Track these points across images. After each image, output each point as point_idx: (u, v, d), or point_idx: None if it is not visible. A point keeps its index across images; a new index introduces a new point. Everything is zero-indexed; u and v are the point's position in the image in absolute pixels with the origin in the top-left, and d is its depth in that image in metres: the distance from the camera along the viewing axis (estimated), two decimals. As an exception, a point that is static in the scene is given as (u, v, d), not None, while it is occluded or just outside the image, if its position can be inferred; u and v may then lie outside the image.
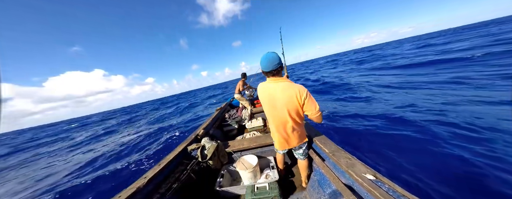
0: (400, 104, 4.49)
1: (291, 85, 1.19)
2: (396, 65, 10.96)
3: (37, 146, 13.52)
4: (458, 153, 2.39)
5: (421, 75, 7.23)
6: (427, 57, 10.90)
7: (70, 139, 13.42)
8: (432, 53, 12.99)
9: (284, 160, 1.84)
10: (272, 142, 2.00)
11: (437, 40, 26.45)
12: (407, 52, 18.08)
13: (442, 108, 3.73)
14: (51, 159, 7.84)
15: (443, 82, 5.69)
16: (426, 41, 28.04)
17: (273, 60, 1.17)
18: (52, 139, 16.54)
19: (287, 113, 1.22)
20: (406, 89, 5.78)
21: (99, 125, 21.01)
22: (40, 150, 11.14)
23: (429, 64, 9.10)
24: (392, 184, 0.99)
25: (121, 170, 4.31)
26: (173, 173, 1.75)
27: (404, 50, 21.49)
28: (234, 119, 3.67)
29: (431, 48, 16.53)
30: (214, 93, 28.38)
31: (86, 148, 8.67)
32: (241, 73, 4.53)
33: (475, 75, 5.63)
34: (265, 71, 1.22)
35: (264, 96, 1.31)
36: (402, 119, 3.63)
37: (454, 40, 20.44)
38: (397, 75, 8.42)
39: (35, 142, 16.83)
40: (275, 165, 1.85)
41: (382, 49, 37.16)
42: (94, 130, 15.69)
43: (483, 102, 3.71)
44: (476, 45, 12.13)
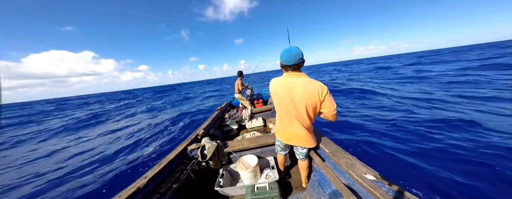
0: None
1: (312, 81, 1.18)
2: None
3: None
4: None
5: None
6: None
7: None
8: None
9: (285, 161, 1.83)
10: (273, 142, 2.00)
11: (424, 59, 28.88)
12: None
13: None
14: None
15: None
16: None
17: (296, 54, 1.16)
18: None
19: (304, 108, 1.20)
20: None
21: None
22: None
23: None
24: (392, 184, 0.99)
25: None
26: (173, 173, 1.75)
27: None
28: (234, 119, 3.67)
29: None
30: (211, 90, 25.15)
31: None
32: (238, 72, 4.41)
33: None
34: (286, 65, 1.20)
35: (280, 91, 1.26)
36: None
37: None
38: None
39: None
40: (275, 165, 1.85)
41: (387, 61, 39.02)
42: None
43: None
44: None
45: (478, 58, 18.19)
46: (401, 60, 34.22)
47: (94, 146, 5.64)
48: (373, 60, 59.40)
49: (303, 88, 1.17)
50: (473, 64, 13.35)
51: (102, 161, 4.32)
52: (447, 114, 4.25)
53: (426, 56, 35.07)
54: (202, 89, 28.63)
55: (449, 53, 35.45)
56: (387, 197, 0.92)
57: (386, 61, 36.63)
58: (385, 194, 0.94)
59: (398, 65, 22.74)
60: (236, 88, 4.40)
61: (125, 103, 21.01)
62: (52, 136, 8.10)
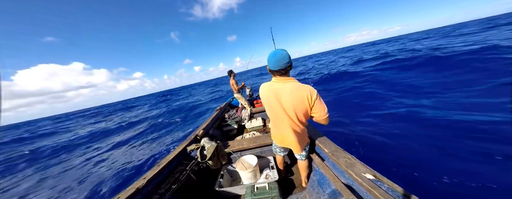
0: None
1: (300, 86, 1.14)
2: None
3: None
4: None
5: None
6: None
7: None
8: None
9: (284, 162, 1.83)
10: (272, 142, 2.00)
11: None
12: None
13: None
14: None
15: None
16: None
17: (282, 59, 1.11)
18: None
19: (294, 114, 1.18)
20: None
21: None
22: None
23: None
24: (391, 184, 0.99)
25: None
26: (172, 173, 1.75)
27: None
28: (233, 119, 3.67)
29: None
30: (214, 91, 23.54)
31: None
32: (228, 71, 4.26)
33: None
34: (273, 70, 1.16)
35: (269, 96, 1.24)
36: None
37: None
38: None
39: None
40: (275, 165, 1.85)
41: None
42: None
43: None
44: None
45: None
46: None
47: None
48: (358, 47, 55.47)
49: (291, 94, 1.14)
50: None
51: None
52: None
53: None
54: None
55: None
56: (387, 196, 0.92)
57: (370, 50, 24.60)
58: (384, 193, 0.94)
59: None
60: (234, 88, 4.33)
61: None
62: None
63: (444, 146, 2.73)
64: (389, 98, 5.24)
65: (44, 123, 36.55)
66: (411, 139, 3.08)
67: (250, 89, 5.75)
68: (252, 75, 38.31)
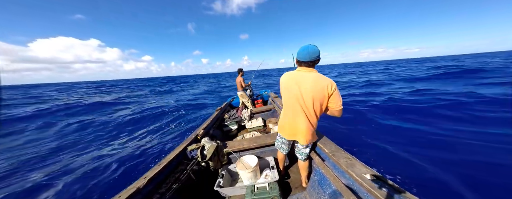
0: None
1: (322, 77, 1.24)
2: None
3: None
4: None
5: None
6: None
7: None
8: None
9: (285, 160, 1.84)
10: (272, 142, 2.00)
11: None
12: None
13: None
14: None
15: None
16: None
17: (314, 52, 1.21)
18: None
19: (311, 101, 1.24)
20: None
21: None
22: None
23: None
24: (392, 184, 0.99)
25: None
26: (173, 173, 1.75)
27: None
28: (234, 119, 3.67)
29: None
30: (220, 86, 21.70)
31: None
32: (238, 69, 4.31)
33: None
34: (301, 61, 1.26)
35: (290, 83, 1.32)
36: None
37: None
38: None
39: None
40: (275, 165, 1.85)
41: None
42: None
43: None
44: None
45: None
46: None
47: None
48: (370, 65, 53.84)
49: (313, 82, 1.22)
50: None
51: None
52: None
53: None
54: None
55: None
56: (387, 197, 0.92)
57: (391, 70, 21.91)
58: (385, 194, 0.94)
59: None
60: (239, 86, 4.30)
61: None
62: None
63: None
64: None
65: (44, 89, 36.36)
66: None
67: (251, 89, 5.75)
68: (258, 75, 39.91)
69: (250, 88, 5.71)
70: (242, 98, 4.48)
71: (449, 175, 2.30)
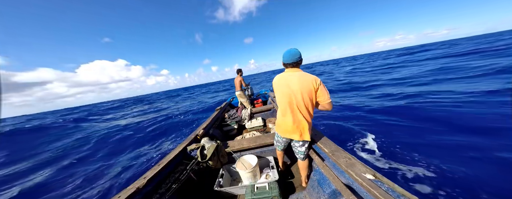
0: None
1: (306, 74, 1.38)
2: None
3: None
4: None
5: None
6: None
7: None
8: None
9: (283, 157, 1.86)
10: (272, 141, 2.00)
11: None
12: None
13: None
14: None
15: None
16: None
17: (295, 54, 1.37)
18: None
19: (301, 96, 1.35)
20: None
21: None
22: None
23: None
24: (391, 184, 0.99)
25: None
26: (172, 173, 1.75)
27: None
28: (233, 119, 3.67)
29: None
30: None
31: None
32: (237, 69, 4.29)
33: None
34: (286, 63, 1.42)
35: (281, 83, 1.45)
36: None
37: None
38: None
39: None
40: (275, 165, 1.85)
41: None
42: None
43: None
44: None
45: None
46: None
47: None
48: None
49: (299, 79, 1.36)
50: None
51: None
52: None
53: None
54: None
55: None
56: (387, 196, 0.92)
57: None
58: (384, 193, 0.94)
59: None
60: (238, 86, 4.28)
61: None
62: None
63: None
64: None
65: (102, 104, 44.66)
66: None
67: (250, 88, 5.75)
68: (265, 76, 42.10)
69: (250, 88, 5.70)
70: (240, 98, 4.48)
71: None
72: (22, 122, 18.93)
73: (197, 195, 1.81)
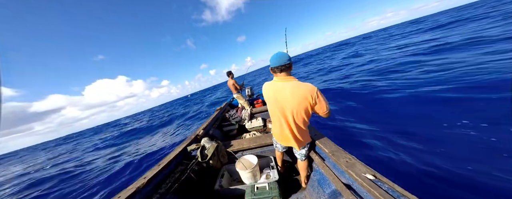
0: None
1: (300, 85, 1.16)
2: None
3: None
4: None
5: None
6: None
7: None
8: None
9: (283, 158, 1.84)
10: (272, 142, 2.00)
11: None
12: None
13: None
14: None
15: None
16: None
17: (282, 57, 1.18)
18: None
19: (295, 113, 1.21)
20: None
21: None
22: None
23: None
24: (391, 184, 0.99)
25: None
26: (173, 173, 1.75)
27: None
28: (234, 119, 3.67)
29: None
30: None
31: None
32: (227, 72, 4.23)
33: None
34: (273, 67, 1.21)
35: (271, 95, 1.29)
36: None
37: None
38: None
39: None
40: (275, 165, 1.85)
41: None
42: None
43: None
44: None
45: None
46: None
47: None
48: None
49: (291, 93, 1.17)
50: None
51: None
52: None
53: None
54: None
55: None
56: (387, 196, 0.92)
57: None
58: (385, 193, 0.94)
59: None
60: (233, 89, 4.25)
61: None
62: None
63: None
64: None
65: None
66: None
67: (250, 88, 5.72)
68: (264, 70, 39.96)
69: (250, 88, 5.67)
70: (239, 101, 4.48)
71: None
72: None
73: (197, 195, 1.81)
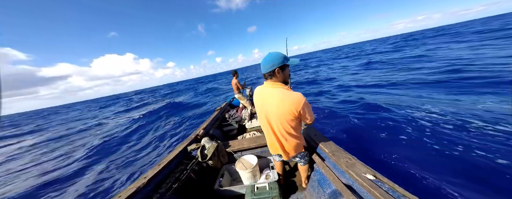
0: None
1: (288, 95, 1.08)
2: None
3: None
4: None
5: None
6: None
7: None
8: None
9: (283, 166, 1.77)
10: None
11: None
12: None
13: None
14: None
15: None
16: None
17: (269, 60, 1.07)
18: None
19: (281, 122, 1.16)
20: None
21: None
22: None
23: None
24: (392, 184, 0.99)
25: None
26: (173, 173, 1.75)
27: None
28: (234, 119, 3.67)
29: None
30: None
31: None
32: (233, 71, 4.46)
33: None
34: (262, 72, 1.14)
35: (258, 101, 1.24)
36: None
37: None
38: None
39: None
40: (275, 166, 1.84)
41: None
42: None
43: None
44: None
45: None
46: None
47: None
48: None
49: (277, 102, 1.10)
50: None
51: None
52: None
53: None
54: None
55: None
56: (387, 196, 0.92)
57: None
58: (385, 193, 0.94)
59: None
60: (235, 88, 4.40)
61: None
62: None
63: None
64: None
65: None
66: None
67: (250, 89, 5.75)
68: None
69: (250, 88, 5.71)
70: (240, 100, 4.55)
71: None
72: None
73: (197, 195, 1.81)
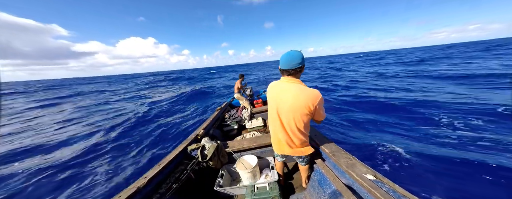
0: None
1: (305, 90, 1.10)
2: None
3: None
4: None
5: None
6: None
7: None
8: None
9: (283, 167, 1.74)
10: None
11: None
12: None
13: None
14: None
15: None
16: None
17: (295, 58, 1.07)
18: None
19: (292, 118, 1.15)
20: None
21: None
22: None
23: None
24: (392, 184, 0.99)
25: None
26: (173, 173, 1.75)
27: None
28: (234, 119, 3.67)
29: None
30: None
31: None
32: (239, 74, 4.94)
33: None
34: (282, 69, 1.14)
35: (273, 95, 1.22)
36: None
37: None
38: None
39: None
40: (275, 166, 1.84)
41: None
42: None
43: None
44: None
45: None
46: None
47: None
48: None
49: (293, 97, 1.10)
50: None
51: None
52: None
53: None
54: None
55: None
56: (387, 197, 0.91)
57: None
58: (385, 194, 0.94)
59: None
60: (235, 88, 4.56)
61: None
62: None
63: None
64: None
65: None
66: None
67: (250, 89, 5.77)
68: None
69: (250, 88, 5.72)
70: (240, 101, 4.63)
71: None
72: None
73: (197, 195, 1.81)
